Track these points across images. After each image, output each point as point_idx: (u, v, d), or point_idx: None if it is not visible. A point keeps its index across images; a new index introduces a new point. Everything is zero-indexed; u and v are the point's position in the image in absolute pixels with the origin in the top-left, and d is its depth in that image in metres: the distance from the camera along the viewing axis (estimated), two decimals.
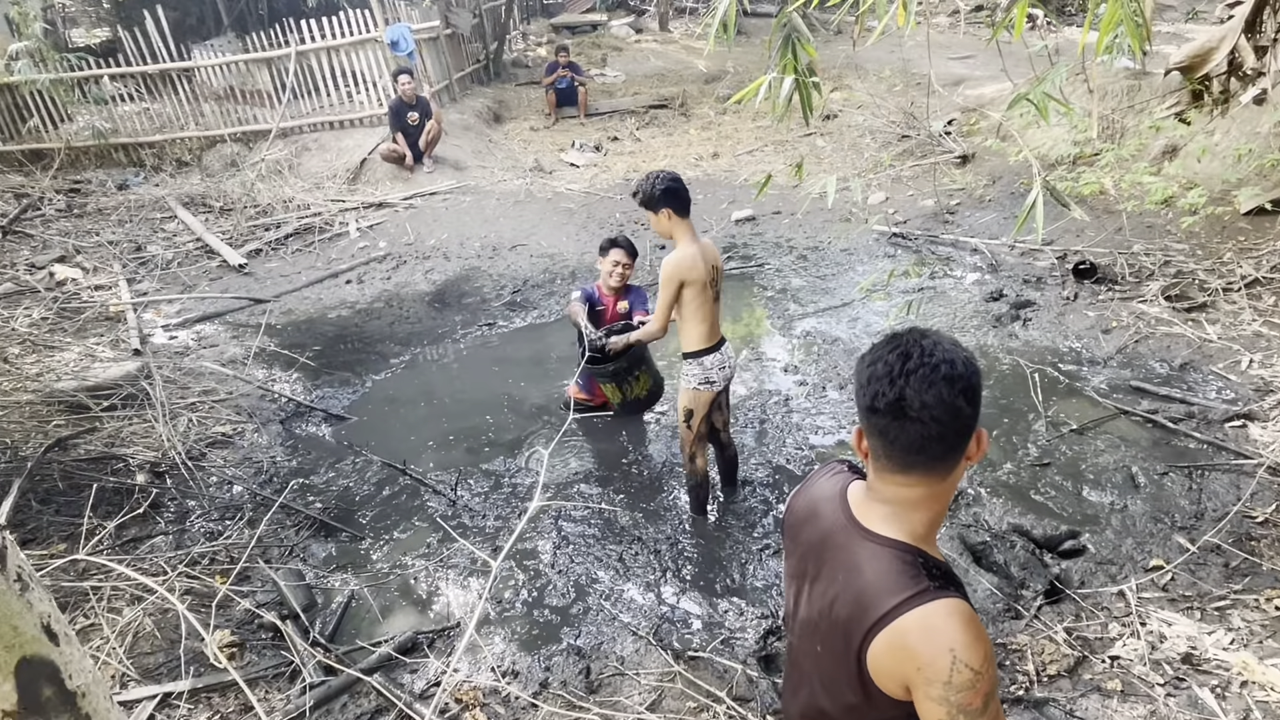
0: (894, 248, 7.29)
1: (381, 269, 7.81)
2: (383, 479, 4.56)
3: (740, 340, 5.98)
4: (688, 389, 3.71)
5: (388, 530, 4.15)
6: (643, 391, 4.52)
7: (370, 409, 5.44)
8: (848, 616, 1.30)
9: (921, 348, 1.23)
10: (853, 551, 1.33)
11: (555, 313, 6.68)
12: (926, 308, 6.06)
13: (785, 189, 9.12)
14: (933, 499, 1.29)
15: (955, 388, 1.20)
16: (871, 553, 1.30)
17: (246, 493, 4.36)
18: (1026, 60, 4.50)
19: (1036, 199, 2.71)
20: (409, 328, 6.62)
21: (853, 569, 1.31)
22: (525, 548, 3.92)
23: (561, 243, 8.16)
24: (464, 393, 5.55)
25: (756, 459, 4.46)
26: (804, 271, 7.08)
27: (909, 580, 1.24)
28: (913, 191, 8.44)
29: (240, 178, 9.74)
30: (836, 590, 1.35)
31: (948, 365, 1.21)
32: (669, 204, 3.47)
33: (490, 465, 4.63)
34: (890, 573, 1.26)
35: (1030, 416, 4.57)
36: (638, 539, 3.90)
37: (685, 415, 3.75)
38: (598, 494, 4.32)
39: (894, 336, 1.28)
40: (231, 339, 6.46)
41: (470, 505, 4.27)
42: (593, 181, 10.01)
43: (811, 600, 1.43)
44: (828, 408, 4.92)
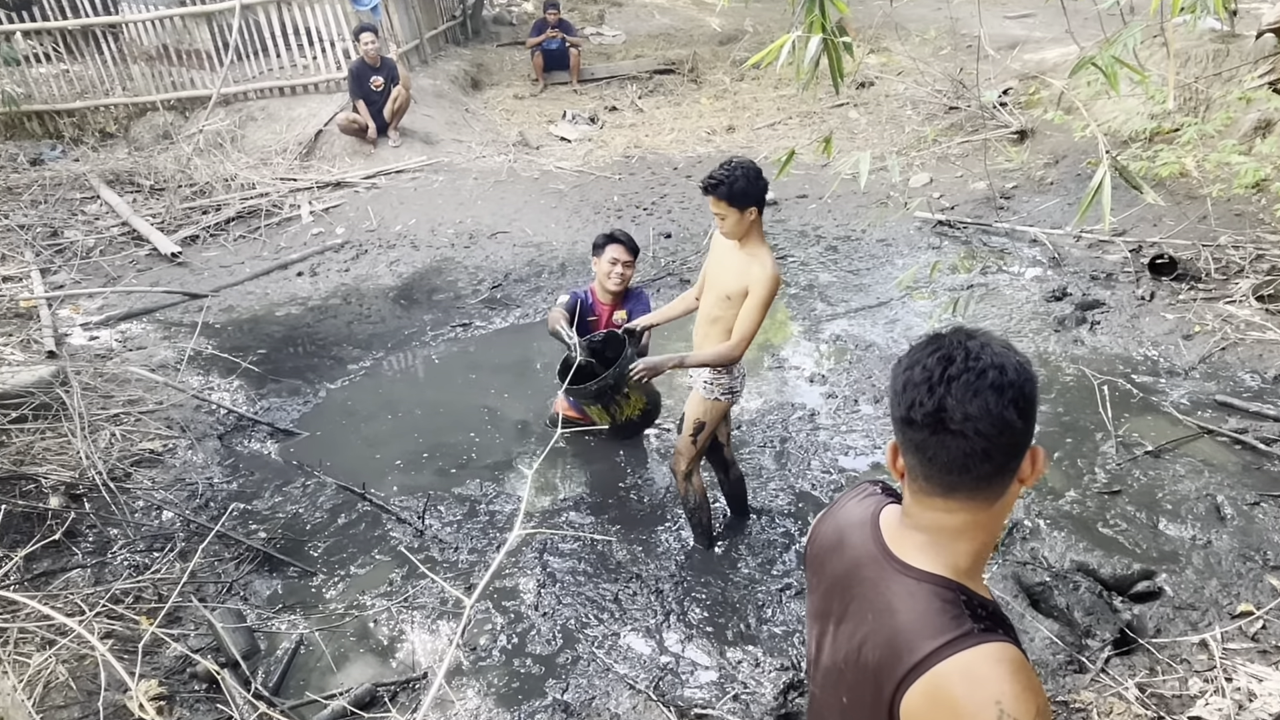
0: (939, 237, 7.31)
1: (339, 259, 7.84)
2: (338, 505, 4.57)
3: (757, 345, 5.99)
4: (706, 399, 3.72)
5: (343, 564, 4.16)
6: (635, 412, 4.34)
7: (324, 423, 5.45)
8: (878, 662, 1.31)
9: (967, 350, 1.24)
10: (885, 587, 1.34)
11: (541, 312, 6.70)
12: (976, 308, 6.08)
13: (812, 168, 9.15)
14: (978, 527, 1.30)
15: (1005, 397, 1.21)
16: (906, 589, 1.30)
17: (178, 519, 4.37)
18: (1095, 19, 4.53)
19: (1103, 181, 2.73)
20: (370, 328, 6.65)
21: (885, 608, 1.32)
22: (504, 585, 3.93)
23: (549, 230, 8.19)
24: (434, 405, 5.57)
25: (776, 484, 4.48)
26: (833, 265, 7.10)
27: (950, 621, 1.25)
28: (961, 172, 8.48)
29: (174, 152, 9.79)
30: (866, 632, 1.35)
31: (996, 371, 1.22)
32: (760, 203, 3.46)
33: (464, 489, 4.64)
34: (928, 612, 1.27)
35: (1098, 436, 4.58)
36: (636, 576, 3.91)
37: (695, 428, 3.76)
38: (589, 523, 4.33)
39: (935, 338, 1.30)
40: (162, 340, 6.48)
41: (440, 536, 4.28)
42: (586, 159, 10.05)
43: (837, 644, 1.43)
44: (860, 424, 4.93)
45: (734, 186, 3.38)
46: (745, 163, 3.47)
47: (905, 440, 1.29)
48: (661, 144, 10.41)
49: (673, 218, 8.34)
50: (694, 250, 7.53)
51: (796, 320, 6.29)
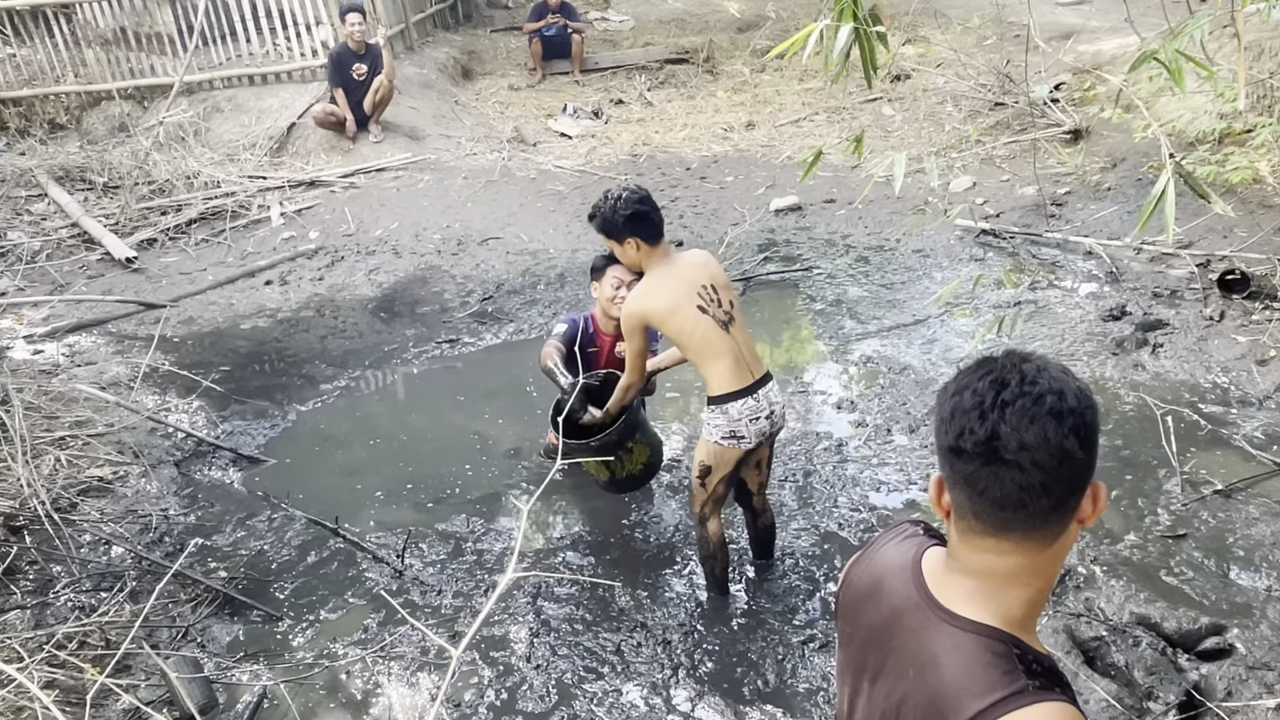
0: (982, 248, 7.33)
1: (312, 267, 7.89)
2: (308, 541, 4.58)
3: (781, 366, 6.00)
4: (708, 441, 3.71)
5: (313, 608, 4.16)
6: (637, 467, 4.26)
7: (294, 449, 5.47)
8: None
9: (1022, 374, 1.25)
10: (928, 639, 1.34)
11: (538, 327, 6.73)
12: (1025, 327, 6.09)
13: (841, 170, 9.19)
14: (1033, 572, 1.30)
15: (1065, 424, 1.22)
16: (952, 640, 1.31)
17: (129, 556, 4.38)
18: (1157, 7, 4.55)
19: (1166, 187, 2.75)
20: (346, 344, 6.68)
21: (927, 662, 1.32)
22: (494, 634, 3.93)
23: (547, 236, 8.24)
24: (417, 430, 5.58)
25: (799, 523, 4.48)
26: (864, 278, 7.12)
27: (1001, 676, 1.25)
28: (1008, 176, 8.51)
29: (131, 146, 9.88)
30: (906, 689, 1.35)
31: (1055, 396, 1.23)
32: (636, 232, 3.59)
33: (449, 526, 4.65)
34: (976, 667, 1.27)
35: (1161, 473, 4.57)
36: (641, 625, 3.91)
37: (701, 471, 3.76)
38: (589, 566, 4.33)
39: (986, 360, 1.31)
40: (114, 355, 6.52)
41: (422, 578, 4.28)
42: (589, 157, 10.12)
43: (873, 703, 1.43)
44: (894, 457, 4.93)
45: (600, 218, 3.59)
46: (615, 191, 3.58)
47: (953, 473, 1.30)
48: (673, 141, 10.47)
49: (685, 224, 8.38)
50: None
51: (822, 339, 6.30)
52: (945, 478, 1.33)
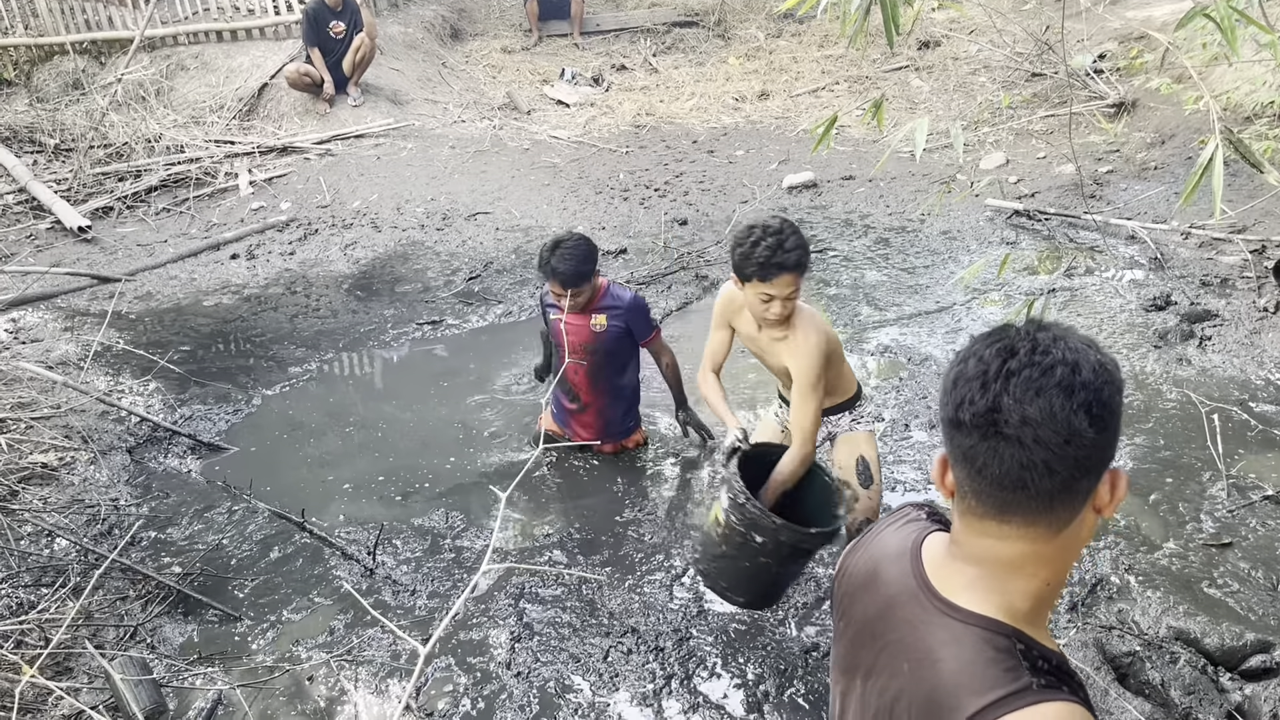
0: (1015, 230, 7.32)
1: (283, 240, 7.89)
2: (271, 536, 4.58)
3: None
4: (868, 433, 3.96)
5: (275, 608, 4.16)
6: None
7: (258, 436, 5.47)
8: None
9: (1034, 342, 1.24)
10: (925, 631, 1.33)
11: (528, 309, 6.72)
12: (1059, 317, 6.07)
13: (861, 144, 9.18)
14: (1039, 562, 1.29)
15: (1074, 400, 1.20)
16: (951, 633, 1.30)
17: (73, 548, 4.37)
18: None
19: (1213, 158, 2.72)
20: (318, 324, 6.67)
21: (924, 656, 1.31)
22: (470, 638, 3.92)
23: (540, 211, 8.23)
24: (393, 418, 5.58)
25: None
26: (884, 261, 7.11)
27: (1003, 673, 1.24)
28: (1044, 152, 8.49)
29: (86, 105, 9.88)
30: (900, 686, 1.35)
31: (1067, 368, 1.21)
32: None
33: (426, 520, 4.65)
34: (976, 662, 1.26)
35: (1205, 476, 4.55)
36: (631, 630, 3.90)
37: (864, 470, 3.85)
38: (577, 563, 4.32)
39: (1001, 328, 1.29)
40: (63, 332, 6.52)
41: (395, 576, 4.28)
42: (588, 127, 10.10)
43: (865, 701, 1.43)
44: (911, 454, 4.92)
45: (802, 251, 3.50)
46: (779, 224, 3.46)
47: (953, 447, 1.29)
48: (679, 111, 10.46)
49: (690, 201, 8.37)
50: (714, 239, 7.55)
51: (837, 326, 6.28)
52: (948, 453, 1.32)
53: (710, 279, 6.95)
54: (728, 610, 4.01)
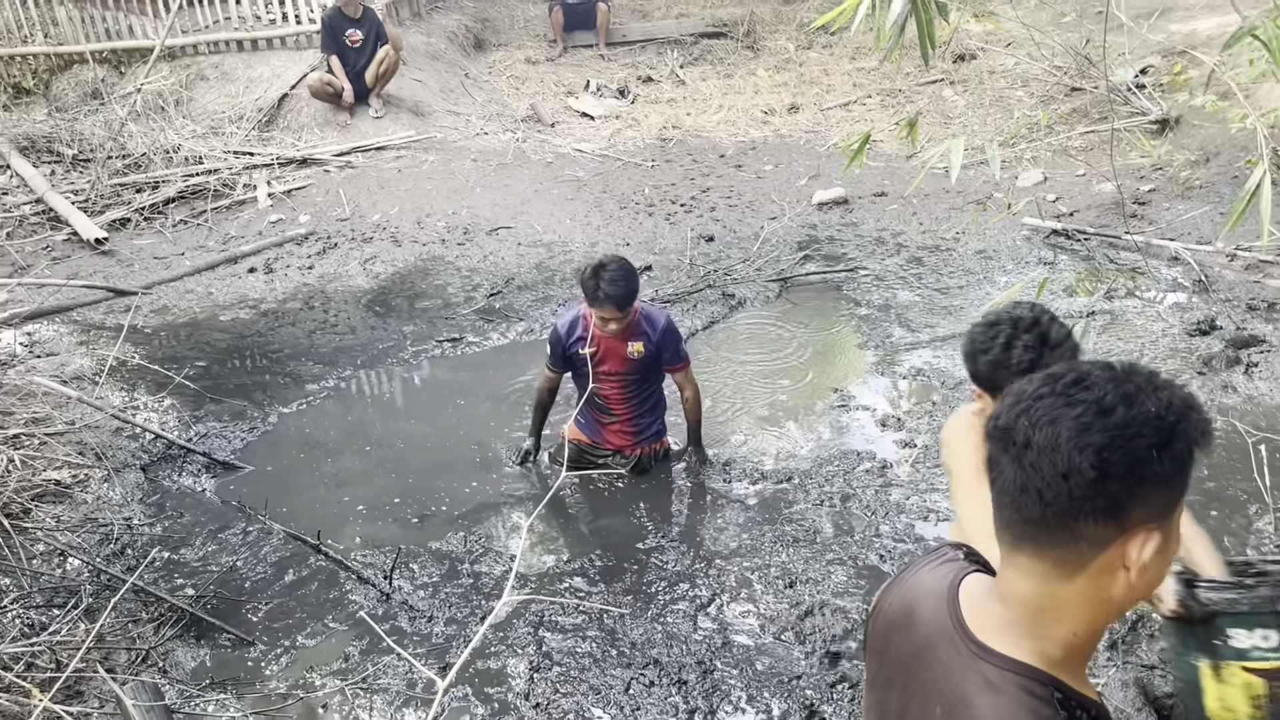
0: (1053, 251, 7.28)
1: (301, 254, 7.94)
2: (285, 558, 4.60)
3: (819, 375, 5.99)
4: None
5: (289, 633, 4.17)
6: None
7: (274, 455, 5.50)
8: None
9: (1086, 376, 1.23)
10: (959, 676, 1.32)
11: (550, 326, 6.72)
12: (1099, 340, 6.04)
13: (893, 160, 9.16)
14: (1060, 607, 1.27)
15: (1084, 438, 1.18)
16: (984, 679, 1.29)
17: (86, 569, 4.41)
18: None
19: (1261, 182, 2.71)
20: (336, 340, 6.71)
21: (958, 701, 1.31)
22: (488, 667, 3.92)
23: (564, 227, 8.25)
24: (412, 438, 5.60)
25: (833, 555, 4.45)
26: (917, 281, 7.09)
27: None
28: (1084, 170, 8.45)
29: (105, 115, 9.99)
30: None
31: (1094, 407, 1.19)
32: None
33: (444, 545, 4.65)
34: (1011, 711, 1.25)
35: (1252, 509, 4.51)
36: (654, 662, 3.89)
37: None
38: (598, 592, 4.32)
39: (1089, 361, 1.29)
40: (78, 346, 6.58)
41: (412, 601, 4.29)
42: (613, 140, 10.14)
43: None
44: (945, 482, 4.88)
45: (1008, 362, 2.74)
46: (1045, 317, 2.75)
47: (989, 442, 1.31)
48: (706, 125, 10.48)
49: (717, 217, 8.38)
50: (741, 256, 7.56)
51: (867, 348, 6.27)
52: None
53: (737, 298, 6.95)
54: (753, 642, 4.00)
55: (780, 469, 5.10)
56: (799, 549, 4.47)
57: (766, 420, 5.57)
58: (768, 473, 5.07)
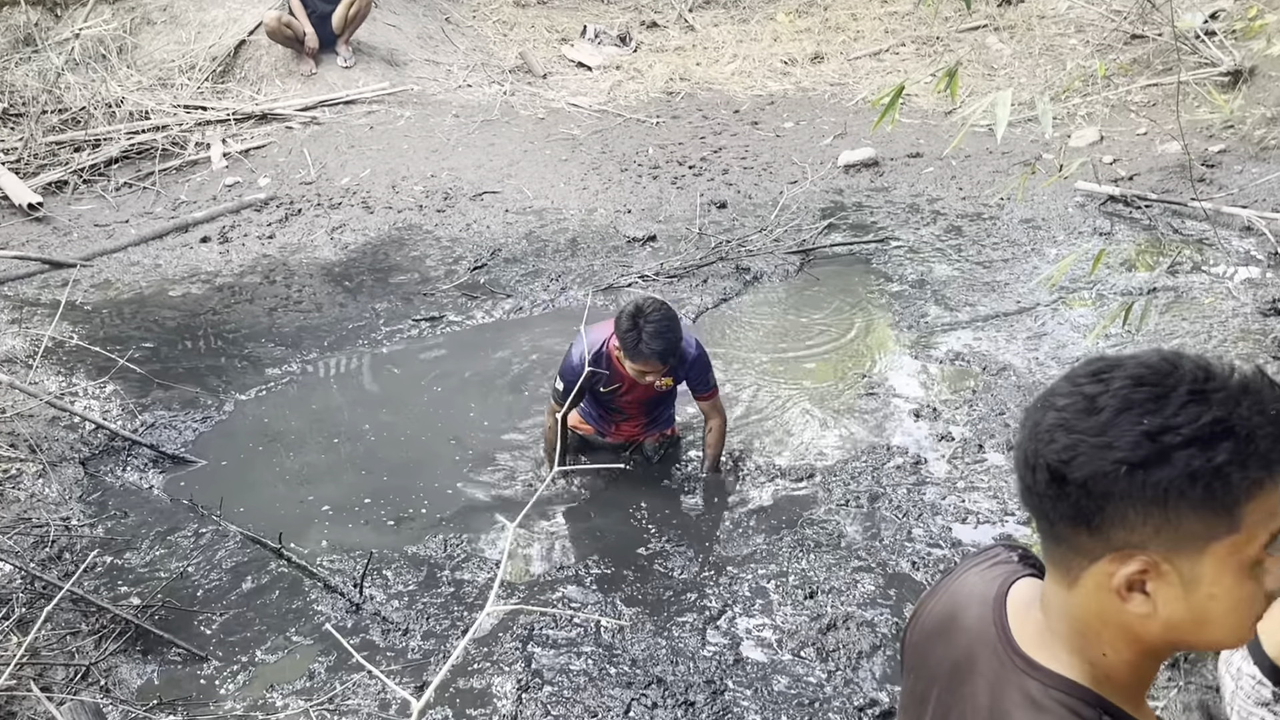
0: (1109, 219, 7.26)
1: (260, 222, 7.93)
2: (243, 564, 4.60)
3: (844, 360, 6.00)
4: None
5: (246, 647, 4.17)
6: None
7: (230, 448, 5.50)
8: None
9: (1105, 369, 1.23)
10: (1001, 692, 1.32)
11: (541, 304, 6.74)
12: (1160, 321, 6.02)
13: (930, 117, 9.14)
14: (1084, 621, 1.26)
15: (1053, 434, 1.21)
16: (1027, 697, 1.29)
17: (18, 574, 4.40)
18: None
19: None
20: (300, 318, 6.71)
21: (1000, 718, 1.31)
22: (471, 686, 3.93)
23: (557, 191, 8.23)
24: (385, 429, 5.60)
25: (859, 561, 4.45)
26: (956, 253, 7.07)
27: None
28: (1145, 128, 8.42)
29: (39, 65, 9.94)
30: None
31: (1083, 402, 1.20)
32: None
33: (421, 549, 4.66)
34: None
35: None
36: (657, 680, 3.89)
37: None
38: (595, 602, 4.32)
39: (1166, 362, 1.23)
40: (10, 325, 6.57)
41: (385, 612, 4.29)
42: (613, 94, 10.11)
43: None
44: (986, 479, 4.90)
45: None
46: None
47: None
48: (719, 76, 10.45)
49: (730, 181, 8.37)
50: (756, 226, 7.54)
51: (899, 329, 6.26)
52: None
53: (752, 272, 6.95)
54: (768, 659, 4.00)
55: (800, 465, 5.10)
56: (821, 555, 4.47)
57: (785, 410, 5.57)
58: (786, 469, 5.07)
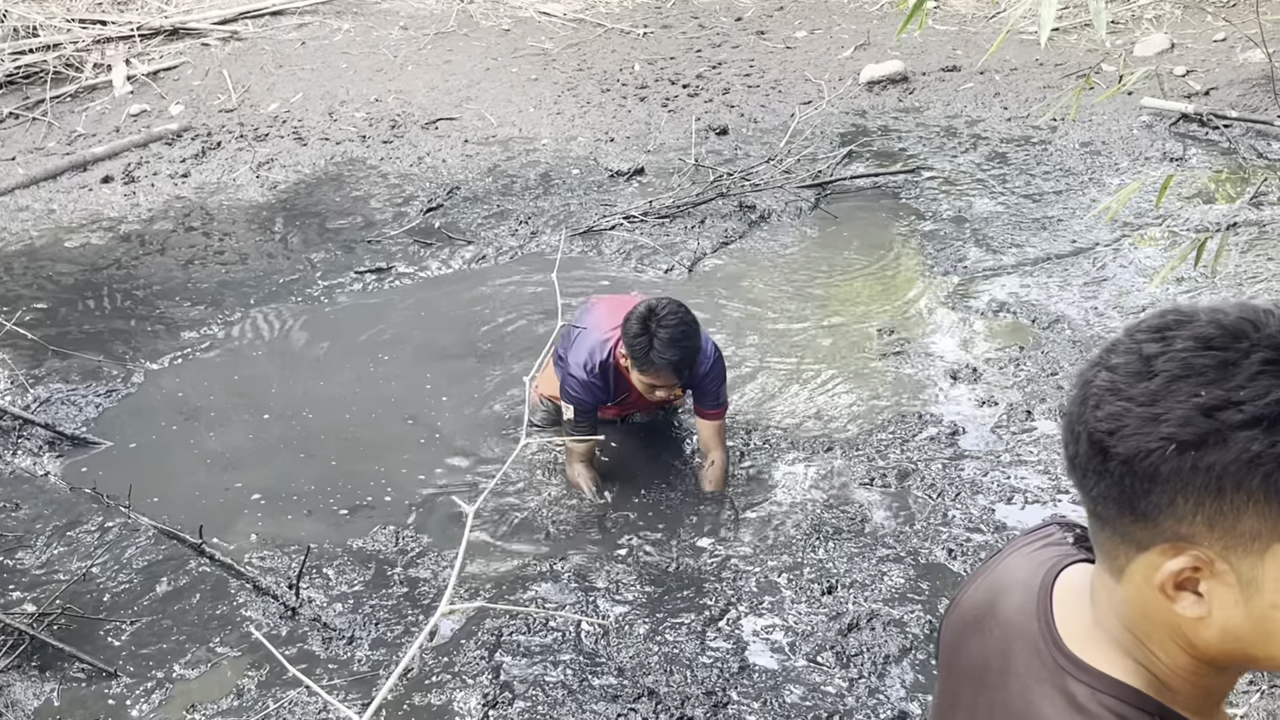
0: (1181, 142, 7.24)
1: (173, 157, 7.87)
2: (157, 562, 4.59)
3: (868, 312, 6.00)
4: None
5: (162, 660, 4.16)
6: None
7: (140, 427, 5.48)
8: None
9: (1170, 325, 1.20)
10: (1039, 696, 1.31)
11: (509, 251, 6.71)
12: (1243, 262, 6.02)
13: (968, 22, 9.09)
14: (1134, 617, 1.25)
15: (1100, 401, 1.18)
16: (1069, 701, 1.27)
17: None
18: None
19: None
20: (222, 272, 6.67)
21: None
22: (429, 703, 3.93)
23: (526, 116, 8.18)
24: (323, 403, 5.59)
25: (887, 548, 4.46)
26: (1000, 185, 7.05)
27: None
28: (1223, 33, 8.39)
29: None
30: None
31: (1137, 364, 1.16)
32: None
33: (367, 541, 4.65)
34: None
35: None
36: (648, 693, 3.90)
37: None
38: (575, 601, 4.32)
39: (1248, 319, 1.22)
40: None
41: (326, 617, 4.28)
42: (590, 0, 10.05)
43: None
44: (1035, 452, 4.90)
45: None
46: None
47: None
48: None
49: (731, 102, 8.32)
50: (763, 155, 7.50)
51: (933, 275, 6.25)
52: None
53: (759, 210, 6.92)
54: (779, 665, 4.01)
55: (817, 436, 5.10)
56: (841, 543, 4.47)
57: (799, 372, 5.56)
58: (800, 441, 5.07)
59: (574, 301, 5.23)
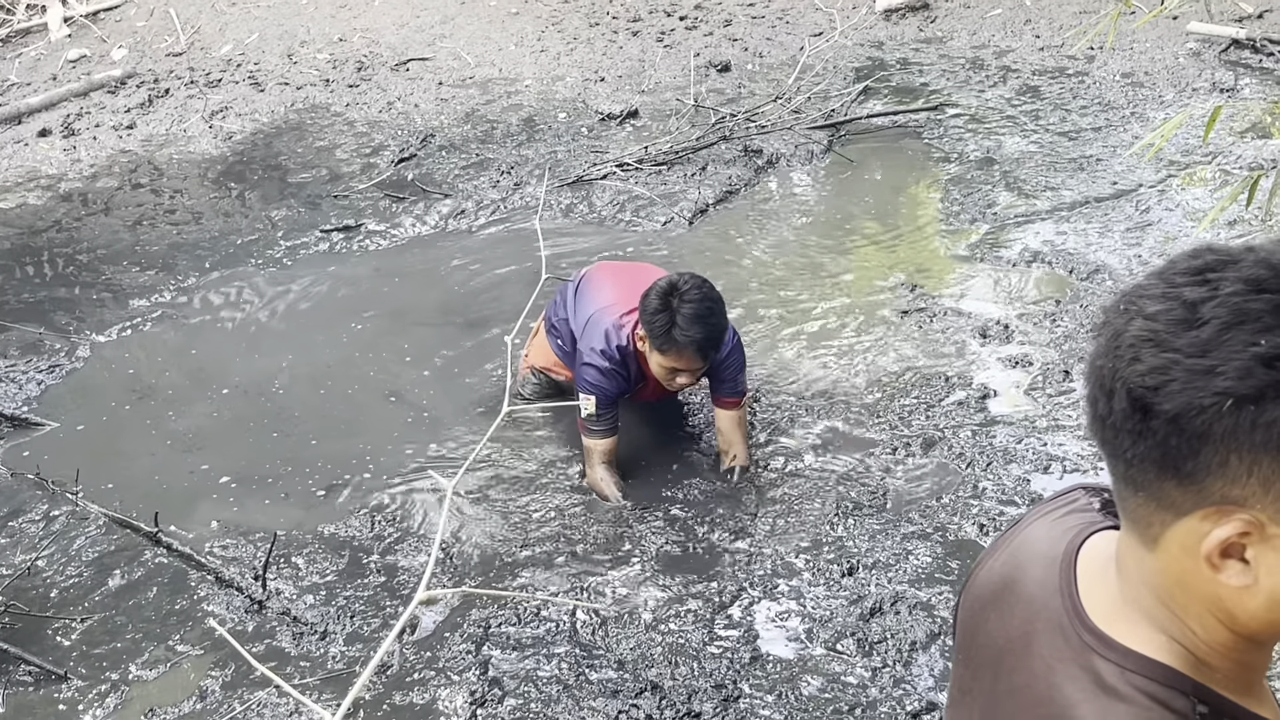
0: (1232, 70, 7.22)
1: (117, 107, 7.86)
2: (109, 554, 4.60)
3: (887, 264, 6.00)
4: None
5: (117, 661, 4.18)
6: None
7: (87, 406, 5.49)
8: None
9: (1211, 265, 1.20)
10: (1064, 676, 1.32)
11: (490, 205, 6.70)
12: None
13: None
14: (1167, 589, 1.26)
15: (1139, 352, 1.16)
16: (1097, 681, 1.28)
17: None
18: None
19: None
20: (173, 233, 6.67)
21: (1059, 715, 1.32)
22: (410, 702, 3.94)
23: (506, 54, 8.16)
24: (288, 376, 5.59)
25: (912, 524, 4.47)
26: (1032, 121, 7.04)
27: None
28: None
29: None
30: None
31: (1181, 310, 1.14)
32: None
33: (339, 526, 4.67)
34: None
35: None
36: (651, 686, 3.91)
37: None
38: (569, 588, 4.32)
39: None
40: None
41: (297, 610, 4.29)
42: None
43: None
44: (1073, 416, 4.90)
45: None
46: None
47: None
48: None
49: (734, 34, 8.30)
50: (770, 94, 7.48)
51: (959, 221, 6.25)
52: None
53: (766, 154, 6.91)
54: (795, 655, 4.01)
55: (833, 402, 5.11)
56: (862, 519, 4.48)
57: (813, 331, 5.56)
58: (815, 408, 5.07)
59: (564, 264, 5.23)
